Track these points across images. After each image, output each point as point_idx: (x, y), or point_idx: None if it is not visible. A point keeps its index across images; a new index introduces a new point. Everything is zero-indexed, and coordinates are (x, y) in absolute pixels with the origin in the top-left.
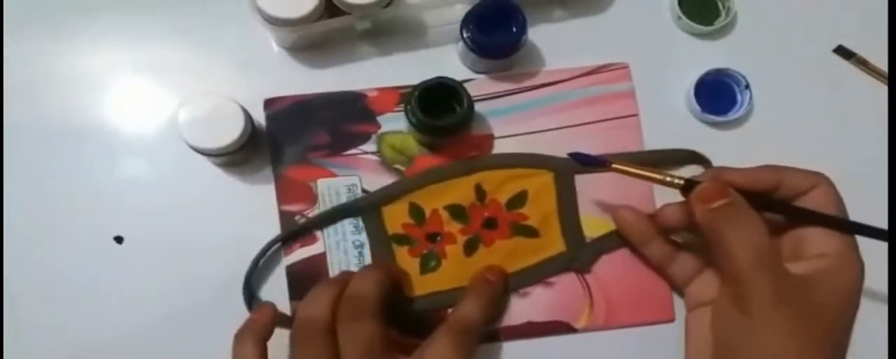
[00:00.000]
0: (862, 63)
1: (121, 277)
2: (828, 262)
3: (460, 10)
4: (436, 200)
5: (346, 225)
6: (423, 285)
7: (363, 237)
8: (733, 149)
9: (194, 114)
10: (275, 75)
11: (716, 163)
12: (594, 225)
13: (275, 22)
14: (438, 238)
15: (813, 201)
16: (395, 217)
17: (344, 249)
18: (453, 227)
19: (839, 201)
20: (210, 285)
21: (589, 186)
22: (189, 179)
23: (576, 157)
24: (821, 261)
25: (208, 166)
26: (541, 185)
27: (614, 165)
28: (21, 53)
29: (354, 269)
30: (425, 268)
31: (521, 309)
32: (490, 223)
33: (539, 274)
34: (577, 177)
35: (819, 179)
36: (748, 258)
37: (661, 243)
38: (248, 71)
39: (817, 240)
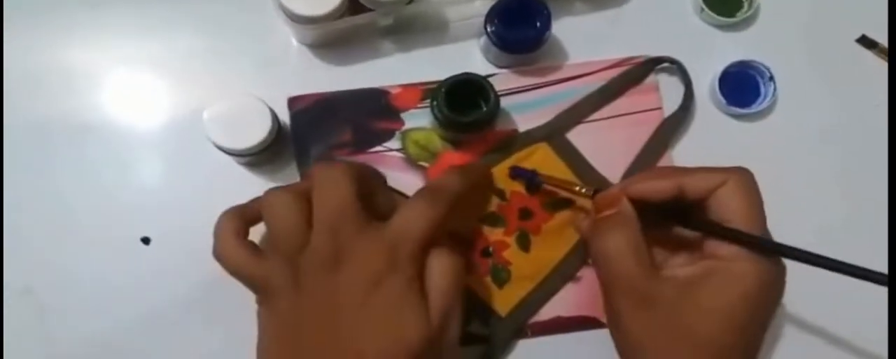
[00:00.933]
0: (885, 53)
1: (146, 277)
2: (715, 264)
3: (481, 6)
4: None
5: None
6: (509, 298)
7: None
8: (758, 141)
9: (220, 114)
10: (296, 73)
11: (741, 155)
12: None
13: (298, 19)
14: (491, 250)
15: (717, 201)
16: (484, 199)
17: None
18: (496, 234)
19: (747, 197)
20: (234, 285)
21: (586, 140)
22: (214, 179)
23: (512, 170)
24: (709, 263)
25: (232, 165)
26: (543, 158)
27: (543, 179)
28: (37, 51)
29: None
30: (500, 281)
31: (550, 304)
32: (526, 214)
33: None
34: (568, 136)
35: (726, 177)
36: (624, 266)
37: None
38: (268, 68)
39: (711, 242)
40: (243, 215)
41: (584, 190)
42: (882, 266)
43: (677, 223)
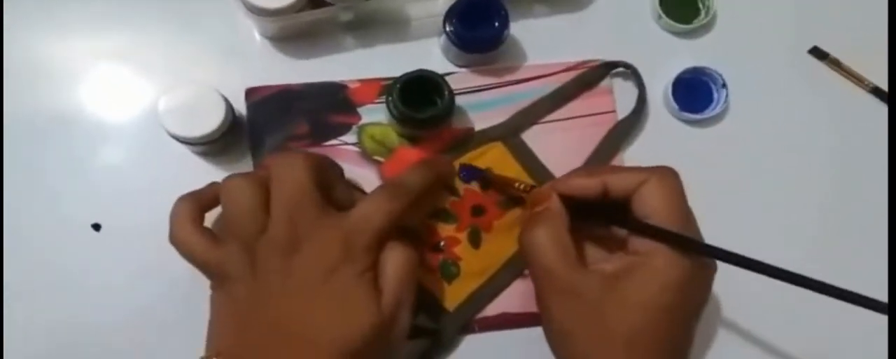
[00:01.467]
0: (835, 64)
1: (99, 265)
2: (637, 260)
3: (443, 4)
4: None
5: None
6: (458, 293)
7: None
8: (709, 146)
9: (175, 102)
10: (258, 65)
11: (692, 160)
12: None
13: (257, 11)
14: (442, 245)
15: (640, 199)
16: (438, 197)
17: None
18: (448, 230)
19: (667, 195)
20: (188, 273)
21: (541, 141)
22: (168, 168)
23: (460, 168)
24: (632, 259)
25: (188, 155)
26: (497, 157)
27: (486, 177)
28: None
29: None
30: (449, 276)
31: (497, 300)
32: (478, 211)
33: None
34: (523, 136)
35: (648, 176)
36: (547, 259)
37: None
38: (230, 60)
39: (635, 239)
40: (199, 201)
41: (522, 187)
42: (827, 270)
43: (604, 220)
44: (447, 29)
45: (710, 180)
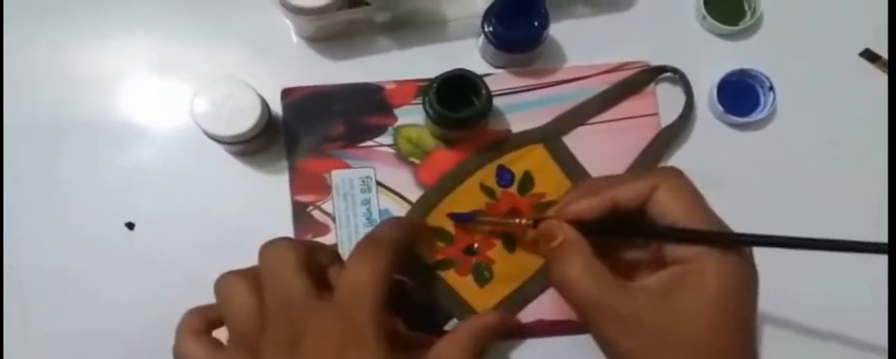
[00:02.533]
0: (888, 67)
1: (133, 266)
2: (683, 269)
3: (481, 4)
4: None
5: (360, 218)
6: (489, 297)
7: None
8: (755, 150)
9: (210, 100)
10: (294, 65)
11: (738, 164)
12: None
13: (295, 10)
14: (476, 248)
15: (657, 207)
16: (426, 248)
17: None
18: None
19: (682, 196)
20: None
21: (581, 143)
22: (204, 168)
23: (450, 215)
24: (676, 269)
25: (225, 156)
26: (537, 159)
27: (479, 220)
28: (31, 42)
29: None
30: (481, 280)
31: (532, 306)
32: (514, 214)
33: None
34: (564, 139)
35: (655, 182)
36: (582, 295)
37: None
38: (267, 60)
39: (670, 247)
40: (205, 313)
41: (524, 221)
42: (882, 276)
43: (630, 234)
44: (486, 29)
45: (756, 185)
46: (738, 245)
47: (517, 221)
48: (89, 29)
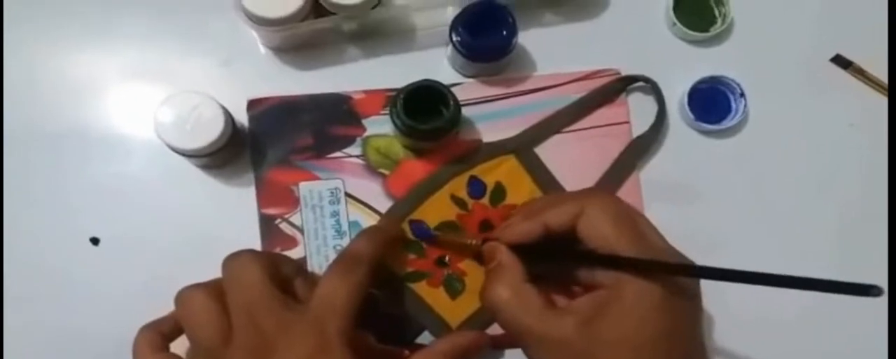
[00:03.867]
0: (860, 72)
1: (98, 278)
2: (606, 294)
3: (450, 13)
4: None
5: (329, 230)
6: (461, 310)
7: (345, 240)
8: (728, 158)
9: (172, 113)
10: (262, 77)
11: (710, 172)
12: None
13: (259, 22)
14: (447, 260)
15: (584, 229)
16: (397, 260)
17: (325, 254)
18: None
19: (607, 221)
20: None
21: (553, 153)
22: (169, 181)
23: (411, 224)
24: (600, 294)
25: (190, 169)
26: (509, 170)
27: (441, 239)
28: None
29: None
30: (453, 292)
31: None
32: (486, 226)
33: None
34: (537, 149)
35: (581, 205)
36: (513, 314)
37: None
38: (234, 72)
39: (598, 272)
40: (159, 327)
41: (473, 242)
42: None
43: (555, 259)
44: (453, 38)
45: (728, 193)
46: (656, 272)
47: (469, 242)
48: (54, 42)
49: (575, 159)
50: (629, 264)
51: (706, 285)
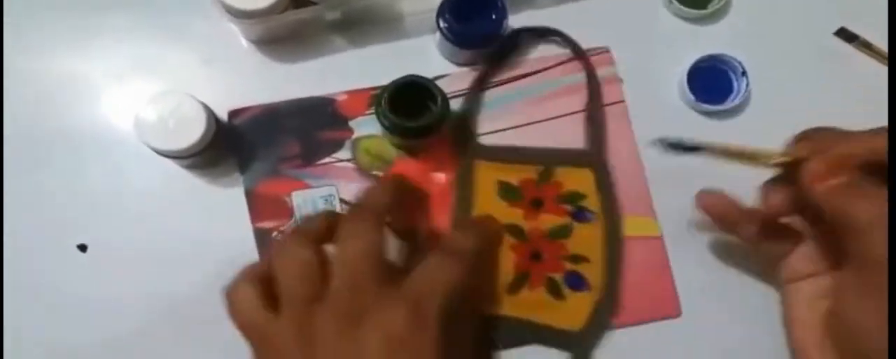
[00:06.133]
0: (865, 46)
1: (86, 284)
2: None
3: None
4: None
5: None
6: (579, 308)
7: None
8: (730, 139)
9: (152, 114)
10: (246, 71)
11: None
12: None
13: (238, 14)
14: (542, 254)
15: None
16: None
17: None
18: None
19: None
20: (178, 290)
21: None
22: (154, 184)
23: (664, 142)
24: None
25: (176, 170)
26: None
27: (707, 149)
28: None
29: None
30: (557, 292)
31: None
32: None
33: None
34: (534, 133)
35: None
36: (880, 243)
37: (747, 225)
38: (217, 67)
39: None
40: (254, 275)
41: (775, 160)
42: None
43: None
44: (441, 24)
45: (731, 175)
46: None
47: (763, 155)
48: (32, 43)
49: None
50: None
51: None
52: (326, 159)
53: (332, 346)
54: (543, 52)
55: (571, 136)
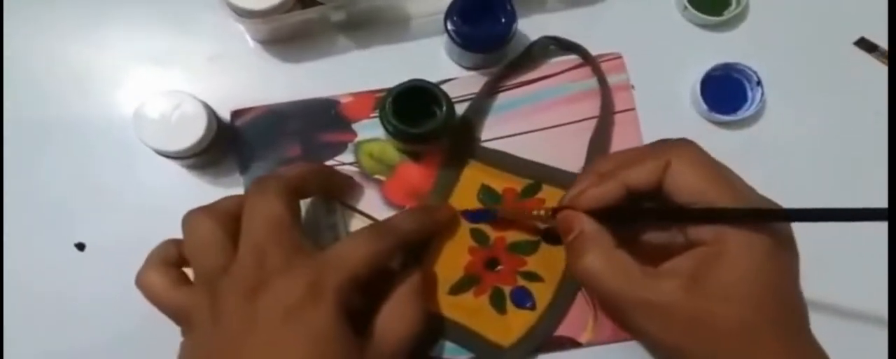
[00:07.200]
0: (886, 57)
1: (85, 283)
2: (707, 250)
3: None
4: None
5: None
6: (513, 327)
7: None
8: (744, 151)
9: (152, 113)
10: (252, 71)
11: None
12: None
13: (243, 13)
14: (499, 265)
15: (672, 185)
16: (448, 260)
17: None
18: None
19: (696, 172)
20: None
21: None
22: (155, 184)
23: (465, 214)
24: (701, 250)
25: (177, 169)
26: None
27: (498, 216)
28: None
29: None
30: (500, 307)
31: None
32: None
33: None
34: (540, 139)
35: (668, 157)
36: (611, 284)
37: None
38: (222, 65)
39: (692, 228)
40: (179, 243)
41: (541, 213)
42: (882, 277)
43: (645, 220)
44: (448, 27)
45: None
46: (756, 220)
47: (536, 212)
48: (28, 40)
49: (580, 150)
50: (729, 216)
51: None
52: (328, 162)
53: (234, 316)
54: (553, 58)
55: (575, 146)
